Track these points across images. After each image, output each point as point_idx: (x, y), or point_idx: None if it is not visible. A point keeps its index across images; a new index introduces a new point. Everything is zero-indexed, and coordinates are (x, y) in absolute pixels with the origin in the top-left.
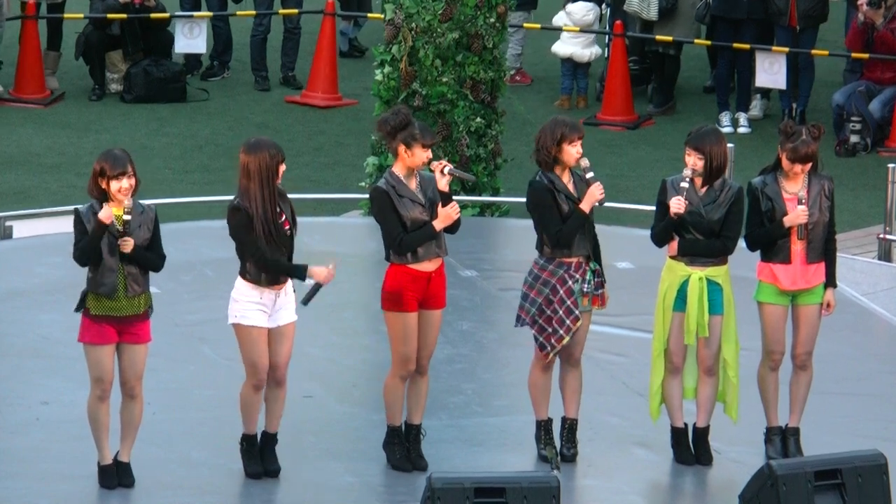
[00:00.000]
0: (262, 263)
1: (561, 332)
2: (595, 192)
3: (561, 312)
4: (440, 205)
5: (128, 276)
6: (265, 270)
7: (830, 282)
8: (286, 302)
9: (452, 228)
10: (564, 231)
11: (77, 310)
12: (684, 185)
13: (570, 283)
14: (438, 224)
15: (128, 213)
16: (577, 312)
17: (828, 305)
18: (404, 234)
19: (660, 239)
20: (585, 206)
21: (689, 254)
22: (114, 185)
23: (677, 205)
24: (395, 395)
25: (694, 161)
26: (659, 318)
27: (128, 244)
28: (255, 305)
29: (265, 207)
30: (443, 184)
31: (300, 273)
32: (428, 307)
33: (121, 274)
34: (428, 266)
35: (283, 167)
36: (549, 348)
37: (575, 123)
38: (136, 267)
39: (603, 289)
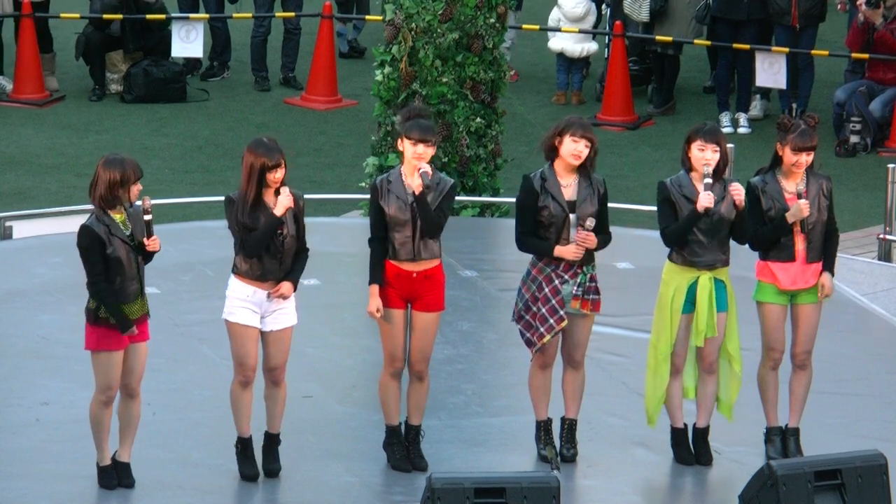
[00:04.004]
0: (243, 247)
1: (542, 329)
2: (571, 249)
3: (544, 311)
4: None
5: (141, 277)
6: (248, 254)
7: (828, 268)
8: (283, 304)
9: (431, 231)
10: (524, 242)
11: (93, 322)
12: (708, 180)
13: (556, 282)
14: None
15: (148, 212)
16: (561, 313)
17: (823, 287)
18: (376, 232)
19: (679, 237)
20: (560, 252)
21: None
22: (132, 191)
23: (708, 199)
24: (387, 394)
25: (710, 154)
26: (666, 321)
27: (156, 242)
28: (243, 303)
29: (244, 207)
30: (414, 185)
31: (272, 224)
32: (417, 308)
33: (138, 279)
34: (410, 266)
35: (274, 174)
36: (532, 345)
37: (583, 123)
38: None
39: (598, 295)
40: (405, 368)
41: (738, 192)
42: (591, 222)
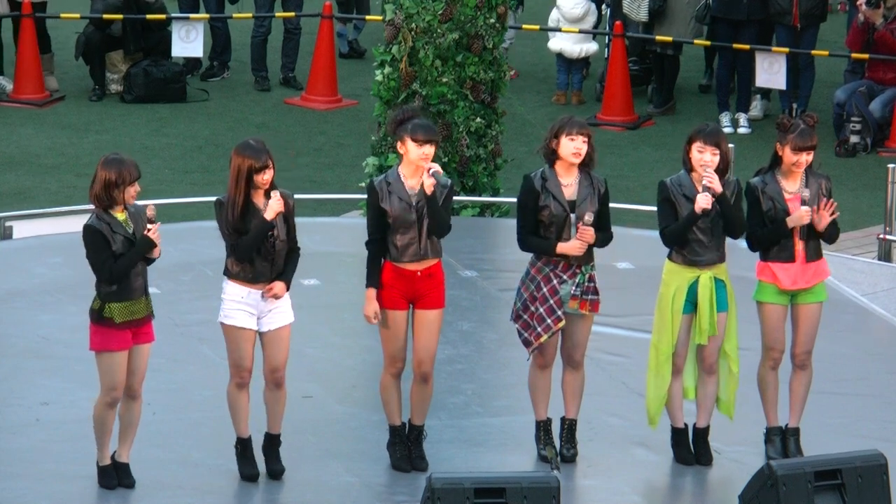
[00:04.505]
0: (234, 251)
1: (539, 329)
2: (574, 245)
3: (542, 310)
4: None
5: (145, 275)
6: (239, 258)
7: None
8: (278, 303)
9: (441, 231)
10: (526, 241)
11: (97, 322)
12: (708, 182)
13: (554, 282)
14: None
15: (151, 219)
16: (559, 313)
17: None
18: (374, 234)
19: (678, 237)
20: (563, 248)
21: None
22: (129, 191)
23: (705, 200)
24: (388, 394)
25: (709, 156)
26: (667, 322)
27: (156, 237)
28: (238, 305)
29: (233, 210)
30: (426, 185)
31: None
32: (420, 307)
33: (143, 276)
34: (412, 266)
35: (262, 175)
36: (529, 345)
37: (577, 120)
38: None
39: (597, 295)
40: (407, 369)
41: (709, 179)
42: (589, 216)
